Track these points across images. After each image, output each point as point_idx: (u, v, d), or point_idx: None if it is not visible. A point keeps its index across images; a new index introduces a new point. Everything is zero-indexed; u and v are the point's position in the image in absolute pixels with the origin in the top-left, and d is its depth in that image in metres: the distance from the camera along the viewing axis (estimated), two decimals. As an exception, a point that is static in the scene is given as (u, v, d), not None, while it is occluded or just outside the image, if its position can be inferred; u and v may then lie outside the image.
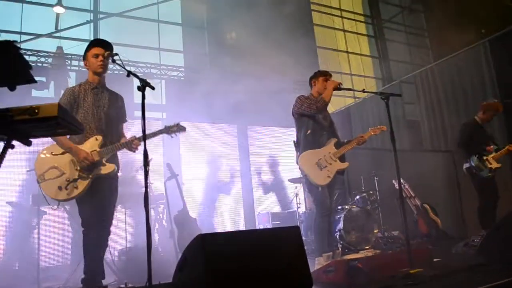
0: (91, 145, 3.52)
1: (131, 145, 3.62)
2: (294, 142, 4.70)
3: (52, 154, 3.47)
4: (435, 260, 4.04)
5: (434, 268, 3.62)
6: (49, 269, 5.64)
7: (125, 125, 3.92)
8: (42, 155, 3.48)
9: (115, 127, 3.78)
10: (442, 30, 12.43)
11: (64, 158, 3.45)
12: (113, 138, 3.69)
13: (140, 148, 2.97)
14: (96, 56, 3.60)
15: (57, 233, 6.00)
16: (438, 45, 13.07)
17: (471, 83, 7.16)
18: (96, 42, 3.71)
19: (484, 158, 5.43)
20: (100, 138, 3.56)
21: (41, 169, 3.42)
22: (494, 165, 5.41)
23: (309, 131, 4.52)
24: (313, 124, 4.55)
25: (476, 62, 7.08)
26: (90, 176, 3.47)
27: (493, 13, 10.08)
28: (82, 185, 3.42)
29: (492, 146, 5.49)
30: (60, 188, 3.38)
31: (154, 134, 3.78)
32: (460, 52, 7.46)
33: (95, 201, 3.48)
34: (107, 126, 3.66)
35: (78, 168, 3.44)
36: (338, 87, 4.47)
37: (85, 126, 3.52)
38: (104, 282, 3.55)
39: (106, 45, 3.65)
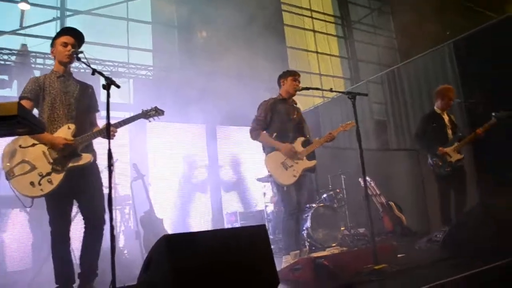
0: (63, 134, 3.32)
1: (105, 132, 3.31)
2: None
3: (20, 147, 3.21)
4: (399, 256, 4.13)
5: (398, 263, 3.69)
6: (10, 274, 5.44)
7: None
8: (9, 149, 3.21)
9: (87, 115, 3.58)
10: (409, 31, 12.70)
11: (34, 151, 3.23)
12: (85, 127, 3.49)
13: (105, 148, 2.88)
14: (65, 45, 3.45)
15: (16, 237, 5.79)
16: (405, 46, 13.35)
17: (437, 83, 7.29)
18: (67, 30, 3.56)
19: (440, 152, 5.28)
20: (72, 126, 3.36)
21: (8, 165, 3.15)
22: (455, 157, 5.29)
23: (274, 134, 4.57)
24: (278, 126, 4.59)
25: (441, 63, 7.26)
26: (65, 168, 3.26)
27: (458, 15, 10.37)
28: (56, 179, 3.22)
29: (441, 148, 5.29)
30: (32, 184, 3.15)
31: (132, 119, 3.65)
32: (426, 53, 7.63)
33: (71, 198, 3.34)
34: (78, 114, 3.46)
35: (51, 160, 3.23)
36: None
37: (54, 114, 3.36)
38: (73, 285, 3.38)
39: (76, 35, 3.51)
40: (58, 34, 3.54)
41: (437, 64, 7.37)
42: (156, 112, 3.79)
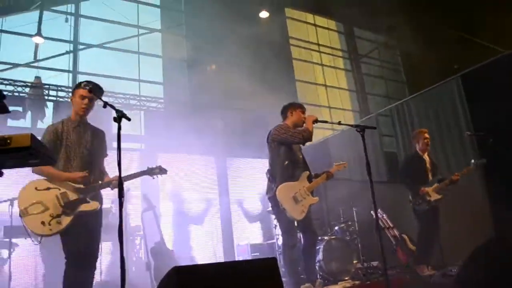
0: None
1: (113, 184, 3.62)
2: (268, 171, 4.67)
3: (36, 189, 3.45)
4: (413, 290, 4.04)
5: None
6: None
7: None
8: (26, 190, 3.46)
9: (96, 162, 3.80)
10: (417, 65, 12.82)
11: (48, 194, 3.45)
12: (95, 174, 3.72)
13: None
14: (83, 98, 3.65)
15: (29, 267, 5.81)
16: (413, 80, 13.45)
17: (445, 116, 7.34)
18: (86, 85, 3.68)
19: (422, 192, 5.49)
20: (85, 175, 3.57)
21: (24, 204, 3.38)
22: (434, 197, 5.50)
23: (286, 162, 4.52)
24: (291, 155, 4.58)
25: (450, 96, 7.28)
26: (74, 212, 3.47)
27: (466, 49, 10.46)
28: (65, 221, 3.42)
29: (423, 188, 5.50)
30: (43, 223, 3.35)
31: (137, 175, 3.90)
32: (434, 86, 7.67)
33: (78, 237, 3.46)
34: (89, 162, 3.69)
35: (62, 204, 3.44)
36: (315, 121, 4.57)
37: (68, 164, 3.58)
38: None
39: (95, 90, 3.63)
40: (78, 85, 3.76)
41: (445, 97, 7.39)
42: (160, 171, 4.15)
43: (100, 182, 3.71)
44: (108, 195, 5.95)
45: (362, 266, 6.07)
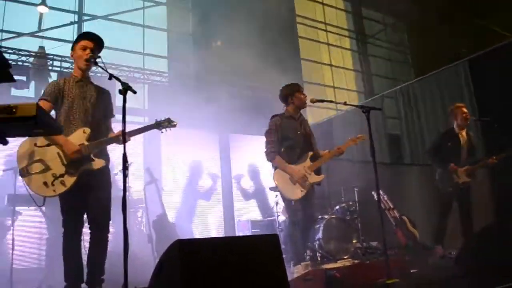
0: (78, 138, 3.38)
1: (119, 139, 3.36)
2: None
3: (36, 146, 3.27)
4: (412, 271, 4.08)
5: (410, 278, 3.66)
6: (23, 271, 5.48)
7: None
8: (25, 147, 3.27)
9: (103, 120, 3.64)
10: (424, 47, 12.69)
11: (49, 151, 3.29)
12: (101, 132, 3.56)
13: (120, 151, 2.90)
14: (84, 48, 3.49)
15: (32, 235, 5.87)
16: (419, 62, 13.33)
17: (451, 100, 7.29)
18: (86, 34, 3.61)
19: (451, 170, 5.29)
20: (88, 131, 3.42)
21: (24, 162, 3.23)
22: (462, 179, 5.30)
23: (282, 149, 4.62)
24: (287, 142, 4.64)
25: (456, 81, 7.23)
26: (78, 171, 3.32)
27: (474, 33, 10.34)
28: (69, 181, 3.28)
29: (453, 165, 5.29)
30: (46, 184, 3.22)
31: (145, 129, 3.73)
32: (441, 70, 7.61)
33: (82, 198, 3.37)
34: (94, 118, 3.53)
35: (66, 162, 3.28)
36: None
37: (70, 118, 3.42)
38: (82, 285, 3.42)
39: (96, 39, 3.56)
40: (78, 38, 3.60)
41: (452, 81, 7.34)
42: (169, 123, 3.86)
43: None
44: (111, 167, 6.00)
45: (361, 246, 6.12)
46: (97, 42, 3.56)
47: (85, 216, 3.54)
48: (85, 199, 3.42)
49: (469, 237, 4.98)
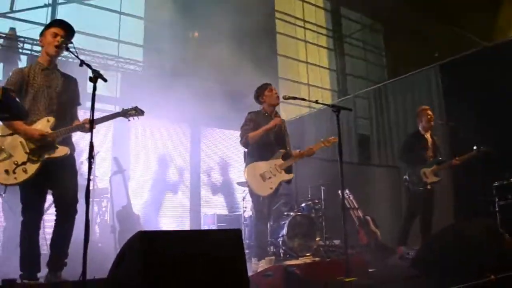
0: (42, 126, 3.33)
1: (84, 127, 3.41)
2: (244, 152, 4.90)
3: None
4: (370, 270, 4.17)
5: (368, 278, 3.75)
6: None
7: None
8: None
9: (68, 109, 3.58)
10: (399, 50, 12.93)
11: (12, 140, 3.24)
12: (65, 120, 3.50)
13: (88, 140, 2.87)
14: (55, 35, 3.43)
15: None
16: (394, 65, 13.58)
17: (421, 103, 7.47)
18: (59, 22, 3.54)
19: (421, 171, 5.44)
20: (52, 119, 3.37)
21: None
22: (431, 179, 5.44)
23: (255, 145, 4.65)
24: (261, 139, 4.65)
25: (427, 84, 7.41)
26: (41, 159, 3.28)
27: (447, 38, 10.59)
28: (31, 169, 3.23)
29: (424, 169, 5.43)
30: (7, 172, 3.16)
31: (111, 116, 3.65)
32: (413, 73, 7.78)
33: (44, 187, 3.35)
34: (59, 107, 3.47)
35: (28, 150, 3.24)
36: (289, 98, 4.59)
37: (35, 107, 3.36)
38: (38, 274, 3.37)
39: (68, 28, 3.49)
40: (50, 25, 3.54)
41: (423, 84, 7.52)
42: (136, 112, 3.79)
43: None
44: (77, 155, 5.90)
45: (324, 244, 6.23)
46: (68, 31, 3.50)
47: (46, 205, 3.51)
48: (49, 186, 3.40)
49: (428, 238, 5.13)
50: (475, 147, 5.42)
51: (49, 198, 3.55)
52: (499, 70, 6.06)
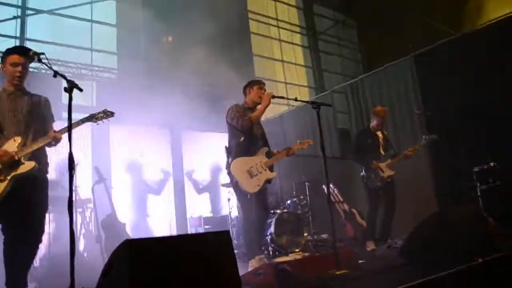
0: (8, 147, 3.29)
1: (49, 140, 3.38)
2: (225, 147, 4.73)
3: None
4: (360, 261, 4.21)
5: (359, 269, 3.78)
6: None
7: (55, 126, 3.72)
8: None
9: (39, 128, 3.54)
10: (373, 44, 13.09)
11: None
12: (36, 139, 3.45)
13: (66, 151, 2.83)
14: (15, 65, 3.40)
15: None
16: (368, 59, 13.73)
17: (398, 95, 7.58)
18: (17, 49, 3.50)
19: (374, 166, 5.54)
20: (18, 139, 3.33)
21: None
22: (387, 173, 5.55)
23: (242, 138, 4.58)
24: (246, 132, 4.62)
25: (403, 76, 7.50)
26: (8, 177, 3.22)
27: (420, 30, 10.75)
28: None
29: (375, 161, 5.56)
30: None
31: (81, 122, 3.58)
32: (388, 65, 7.87)
33: (16, 205, 3.25)
34: (28, 128, 3.45)
35: None
36: (272, 97, 4.61)
37: (3, 132, 3.35)
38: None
39: (26, 53, 3.39)
40: (8, 52, 3.48)
41: (398, 76, 7.61)
42: (105, 114, 3.73)
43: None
44: (58, 166, 5.81)
45: (312, 239, 6.26)
46: (28, 56, 3.40)
47: None
48: (18, 207, 3.31)
49: (416, 227, 5.19)
50: (424, 137, 5.73)
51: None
52: (471, 58, 6.17)
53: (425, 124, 6.73)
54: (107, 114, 3.73)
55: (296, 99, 4.62)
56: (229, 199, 7.02)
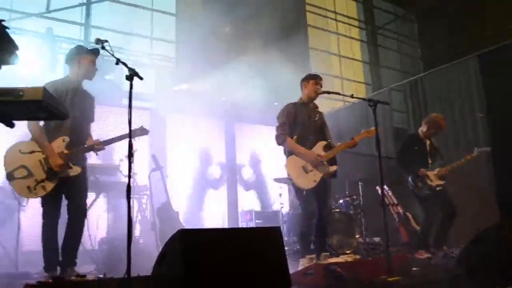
0: (57, 146, 3.66)
1: (93, 148, 3.82)
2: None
3: (20, 152, 3.61)
4: (414, 269, 4.06)
5: (412, 277, 3.64)
6: (30, 253, 5.45)
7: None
8: (11, 152, 3.64)
9: (85, 127, 3.96)
10: (434, 41, 12.57)
11: (32, 158, 3.60)
12: (81, 138, 3.86)
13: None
14: (94, 64, 3.85)
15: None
16: (429, 56, 13.21)
17: (459, 95, 7.23)
18: (96, 51, 3.84)
19: (421, 173, 5.28)
20: (67, 139, 3.70)
21: (9, 167, 3.56)
22: (436, 182, 5.28)
23: (295, 137, 4.55)
24: (300, 129, 4.58)
25: (465, 76, 7.15)
26: (57, 177, 3.62)
27: (485, 28, 10.21)
28: (49, 186, 3.59)
29: (423, 169, 5.30)
30: (29, 188, 3.55)
31: (117, 139, 3.92)
32: (450, 64, 7.52)
33: (59, 198, 3.73)
34: (78, 125, 3.82)
35: (46, 169, 3.58)
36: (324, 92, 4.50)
37: (59, 125, 3.70)
38: (83, 271, 3.75)
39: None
40: (87, 52, 3.87)
41: (461, 76, 7.26)
42: (141, 132, 4.11)
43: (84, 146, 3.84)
44: (117, 153, 5.98)
45: (364, 241, 6.10)
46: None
47: None
48: (64, 196, 3.81)
49: (475, 237, 4.95)
50: (475, 149, 5.43)
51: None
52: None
53: (488, 128, 6.38)
54: (143, 131, 4.14)
55: (352, 96, 4.53)
56: (280, 194, 6.99)
